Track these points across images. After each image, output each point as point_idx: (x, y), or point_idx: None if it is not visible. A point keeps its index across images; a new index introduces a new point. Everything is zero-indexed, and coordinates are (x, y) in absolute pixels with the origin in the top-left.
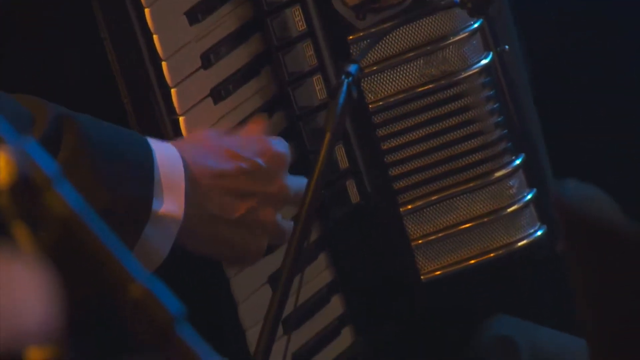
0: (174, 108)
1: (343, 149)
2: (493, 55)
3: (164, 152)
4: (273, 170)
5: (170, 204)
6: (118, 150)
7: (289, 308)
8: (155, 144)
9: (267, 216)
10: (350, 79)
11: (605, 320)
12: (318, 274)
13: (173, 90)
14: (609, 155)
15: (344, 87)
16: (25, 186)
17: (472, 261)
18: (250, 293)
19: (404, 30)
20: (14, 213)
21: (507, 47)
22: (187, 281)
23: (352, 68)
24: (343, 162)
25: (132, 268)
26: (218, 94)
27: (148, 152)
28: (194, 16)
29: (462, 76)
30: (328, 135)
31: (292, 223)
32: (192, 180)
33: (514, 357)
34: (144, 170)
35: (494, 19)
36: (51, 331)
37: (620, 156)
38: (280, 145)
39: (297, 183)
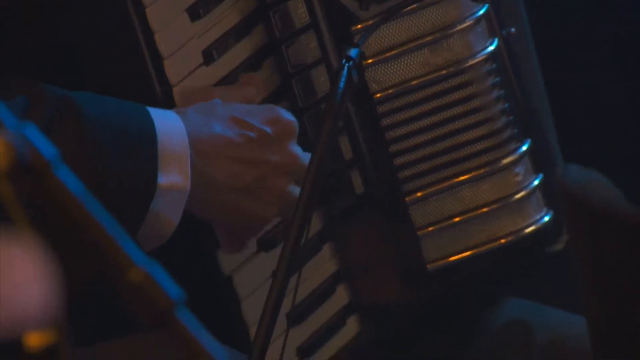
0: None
1: (347, 140)
2: (499, 41)
3: (166, 123)
4: (281, 138)
5: (176, 175)
6: (119, 126)
7: (291, 303)
8: (158, 115)
9: (277, 185)
10: (351, 62)
11: (605, 300)
12: (322, 264)
13: (175, 90)
14: (614, 140)
15: (344, 71)
16: (24, 170)
17: (479, 249)
18: (254, 289)
19: (407, 20)
20: (13, 197)
21: (513, 29)
22: (190, 278)
23: (352, 52)
24: (347, 153)
25: (132, 252)
26: None
27: (150, 125)
28: (195, 12)
29: (468, 64)
30: (329, 120)
31: None
32: (198, 150)
33: (529, 339)
34: (147, 144)
35: (499, 1)
36: (51, 316)
37: (624, 141)
38: (289, 114)
39: (305, 155)
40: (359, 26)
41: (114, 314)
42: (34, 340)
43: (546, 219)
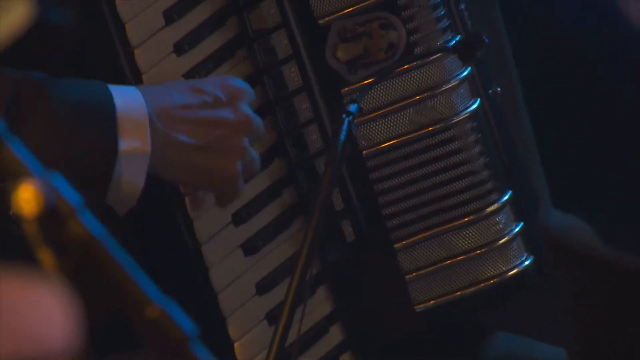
0: None
1: (338, 191)
2: (481, 100)
3: (125, 96)
4: (233, 100)
5: (136, 140)
6: (80, 102)
7: (289, 340)
8: (117, 90)
9: (234, 141)
10: (351, 117)
11: (585, 335)
12: (317, 306)
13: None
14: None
15: (345, 125)
16: (50, 215)
17: (465, 291)
18: (248, 330)
19: (393, 82)
20: (40, 240)
21: (499, 88)
22: (165, 248)
23: (352, 107)
24: (338, 204)
25: (150, 290)
26: None
27: (109, 97)
28: (190, 75)
29: (450, 123)
30: (330, 171)
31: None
32: (159, 115)
33: None
34: (106, 114)
35: (484, 63)
36: (74, 348)
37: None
38: (236, 80)
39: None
40: (347, 89)
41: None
42: None
43: (527, 263)
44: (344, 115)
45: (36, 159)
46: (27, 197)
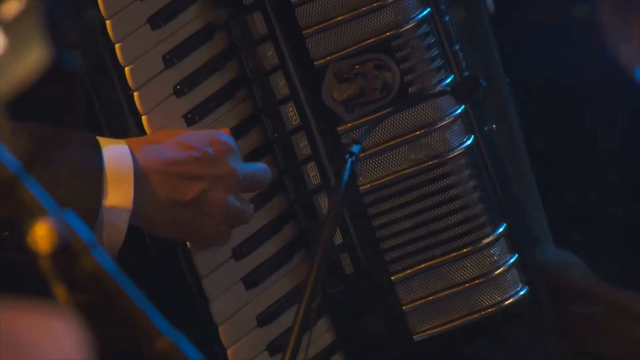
0: None
1: (338, 227)
2: (475, 137)
3: (113, 150)
4: (220, 155)
5: (119, 195)
6: (69, 154)
7: None
8: (106, 143)
9: (218, 196)
10: (354, 157)
11: None
12: (318, 336)
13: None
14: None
15: (348, 165)
16: (65, 252)
17: (462, 320)
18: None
19: (388, 120)
20: (55, 275)
21: (494, 125)
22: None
23: (355, 148)
24: (337, 238)
25: (160, 324)
26: None
27: (98, 152)
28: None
29: (445, 159)
30: (334, 208)
31: (251, 206)
32: (144, 170)
33: None
34: (94, 169)
35: (479, 103)
36: None
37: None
38: (225, 136)
39: (247, 167)
40: (343, 127)
41: None
42: None
43: (522, 293)
44: (347, 156)
45: (50, 198)
46: (42, 234)
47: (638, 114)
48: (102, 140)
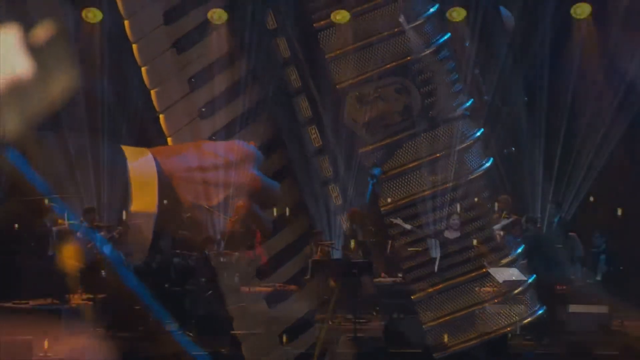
0: None
1: (357, 246)
2: (494, 159)
3: (138, 159)
4: (243, 164)
5: (144, 201)
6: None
7: None
8: (131, 153)
9: (242, 203)
10: (375, 180)
11: None
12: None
13: None
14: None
15: (370, 188)
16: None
17: (481, 339)
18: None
19: (408, 142)
20: None
21: (513, 148)
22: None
23: (376, 171)
24: (358, 258)
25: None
26: None
27: (123, 162)
28: (213, 138)
29: (463, 181)
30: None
31: (270, 219)
32: (170, 177)
33: None
34: (120, 177)
35: (495, 127)
36: None
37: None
38: (249, 145)
39: (267, 179)
40: (364, 149)
41: None
42: None
43: (539, 312)
44: (369, 179)
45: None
46: None
47: None
48: (126, 149)
